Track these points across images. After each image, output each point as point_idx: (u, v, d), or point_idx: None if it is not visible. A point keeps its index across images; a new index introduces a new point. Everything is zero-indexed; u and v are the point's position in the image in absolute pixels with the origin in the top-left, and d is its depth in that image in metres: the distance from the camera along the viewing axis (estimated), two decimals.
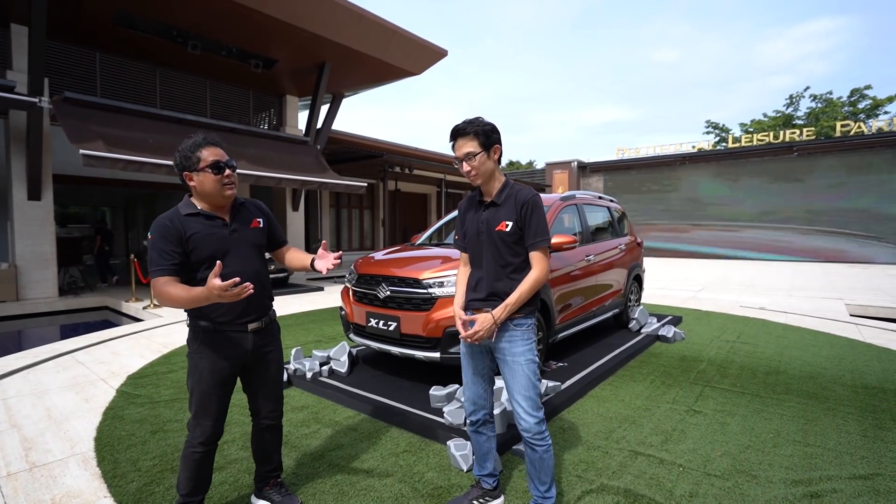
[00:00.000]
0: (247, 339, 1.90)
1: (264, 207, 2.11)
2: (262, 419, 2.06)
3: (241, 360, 1.91)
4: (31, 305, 7.81)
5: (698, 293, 9.07)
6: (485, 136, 1.92)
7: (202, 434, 1.86)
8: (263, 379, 2.01)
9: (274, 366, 2.04)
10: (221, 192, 1.85)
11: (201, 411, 1.86)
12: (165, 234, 1.76)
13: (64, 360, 4.58)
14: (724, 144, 24.54)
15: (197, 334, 1.87)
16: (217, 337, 1.85)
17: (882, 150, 15.54)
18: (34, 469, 2.48)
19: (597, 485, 2.30)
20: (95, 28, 8.49)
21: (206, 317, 1.84)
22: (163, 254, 1.74)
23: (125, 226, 18.60)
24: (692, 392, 3.59)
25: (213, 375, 1.84)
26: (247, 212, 1.99)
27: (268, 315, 1.99)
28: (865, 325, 6.10)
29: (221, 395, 1.88)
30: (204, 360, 1.84)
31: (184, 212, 1.84)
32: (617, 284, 5.21)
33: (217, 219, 1.88)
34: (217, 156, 1.83)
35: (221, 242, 1.85)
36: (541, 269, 1.93)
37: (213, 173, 1.81)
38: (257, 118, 12.21)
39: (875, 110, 24.32)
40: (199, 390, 1.85)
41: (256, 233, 1.98)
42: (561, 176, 21.23)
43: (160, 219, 1.81)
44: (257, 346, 1.94)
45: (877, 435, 2.85)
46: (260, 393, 2.03)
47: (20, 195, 7.77)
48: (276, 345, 2.05)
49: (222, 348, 1.85)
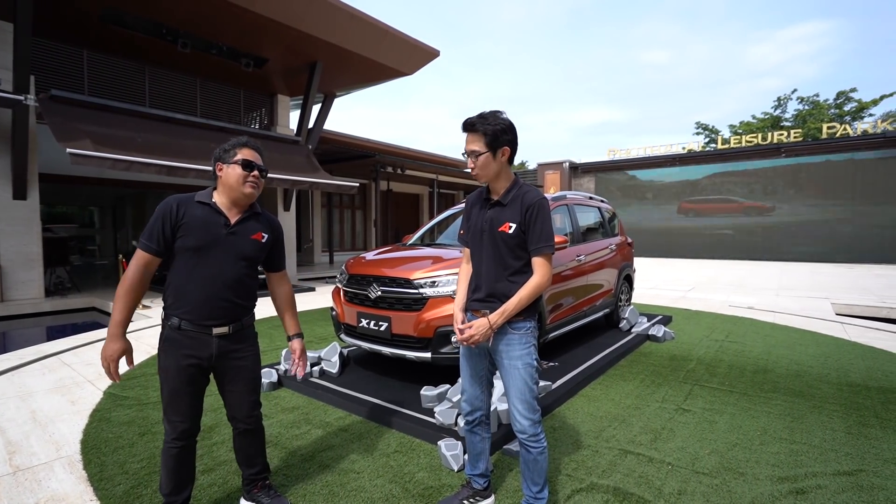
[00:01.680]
0: (211, 342, 1.87)
1: (278, 228, 2.10)
2: (238, 424, 2.04)
3: (207, 363, 1.89)
4: (17, 306, 7.68)
5: (688, 293, 9.15)
6: (493, 137, 1.87)
7: (174, 430, 1.87)
8: (235, 385, 1.98)
9: (246, 373, 1.99)
10: (242, 188, 1.90)
11: (170, 407, 1.87)
12: (163, 213, 1.82)
13: (50, 361, 4.51)
14: (713, 145, 24.81)
15: (164, 330, 1.89)
16: (181, 336, 1.85)
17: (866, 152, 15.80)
18: (18, 473, 2.44)
19: (587, 483, 2.32)
20: (83, 25, 8.37)
21: (175, 314, 1.85)
22: (152, 232, 1.81)
23: (113, 226, 18.35)
24: (681, 391, 3.63)
25: (178, 373, 1.84)
26: (256, 223, 1.98)
27: (239, 321, 1.94)
28: (851, 324, 6.20)
29: (190, 393, 1.88)
30: (169, 357, 1.85)
31: (197, 199, 1.90)
32: (607, 284, 5.25)
33: (222, 216, 1.90)
34: (251, 157, 1.93)
35: (213, 239, 1.86)
36: (542, 275, 1.88)
37: (241, 167, 1.89)
38: (248, 117, 12.12)
39: (860, 112, 24.70)
40: (167, 387, 1.86)
41: (254, 244, 1.96)
42: (553, 176, 21.31)
43: (169, 199, 1.86)
44: (224, 351, 1.91)
45: (860, 432, 2.90)
46: (233, 399, 2.00)
47: (5, 194, 7.64)
48: (248, 351, 2.00)
49: (185, 347, 1.85)
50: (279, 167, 9.87)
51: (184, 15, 8.33)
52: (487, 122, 1.87)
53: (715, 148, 20.29)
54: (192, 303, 1.83)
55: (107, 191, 16.14)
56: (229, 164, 1.90)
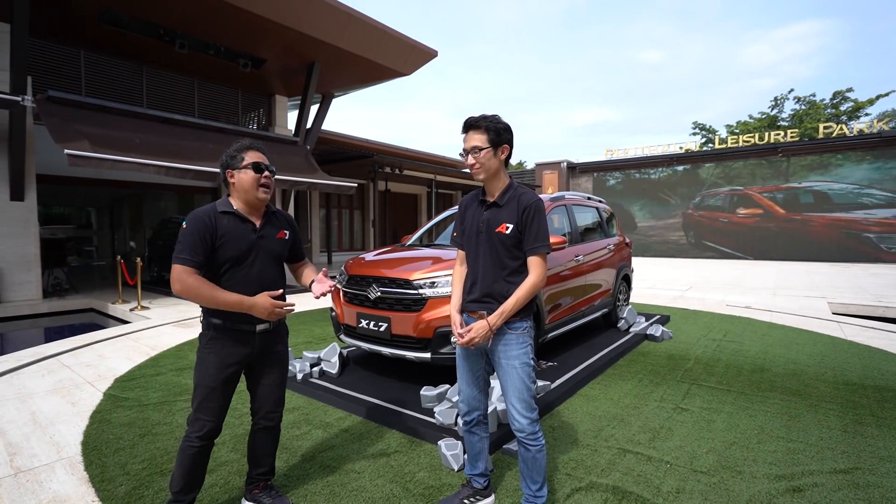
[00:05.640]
0: (254, 338, 1.96)
1: (293, 221, 2.20)
2: (260, 419, 2.09)
3: (248, 359, 1.97)
4: (14, 308, 7.66)
5: (686, 292, 9.19)
6: (495, 133, 1.94)
7: (201, 428, 1.90)
8: (268, 377, 2.07)
9: (278, 367, 2.09)
10: (256, 193, 1.95)
11: (203, 405, 1.91)
12: (202, 228, 1.85)
13: (49, 363, 4.51)
14: (710, 145, 24.89)
15: (208, 330, 1.93)
16: (227, 334, 1.92)
17: (863, 152, 15.89)
18: (19, 474, 2.45)
19: (586, 482, 2.33)
20: (80, 25, 8.35)
21: (219, 314, 1.90)
22: (194, 246, 1.82)
23: (111, 227, 18.31)
24: (679, 390, 3.65)
25: (219, 371, 1.90)
26: (277, 221, 2.09)
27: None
28: (847, 323, 6.24)
29: (224, 392, 1.93)
30: (212, 355, 1.91)
31: (220, 209, 1.93)
32: (606, 284, 5.27)
33: (248, 222, 1.97)
34: (259, 158, 1.97)
35: (248, 246, 1.94)
36: (538, 275, 1.93)
37: (254, 171, 1.93)
38: (246, 118, 12.11)
39: (856, 112, 24.81)
40: (203, 385, 1.90)
41: (281, 243, 2.07)
42: (550, 176, 21.36)
43: (198, 212, 1.89)
44: (265, 346, 2.01)
45: (857, 430, 2.92)
46: (262, 391, 2.07)
47: (2, 196, 7.62)
48: (283, 345, 2.11)
49: (230, 345, 1.92)
50: (277, 168, 9.82)
51: (181, 15, 8.32)
52: (489, 120, 1.95)
53: (712, 148, 20.37)
54: None
55: (104, 191, 16.11)
56: (240, 170, 1.94)
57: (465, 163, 1.99)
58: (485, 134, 1.93)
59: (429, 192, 17.34)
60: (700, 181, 18.87)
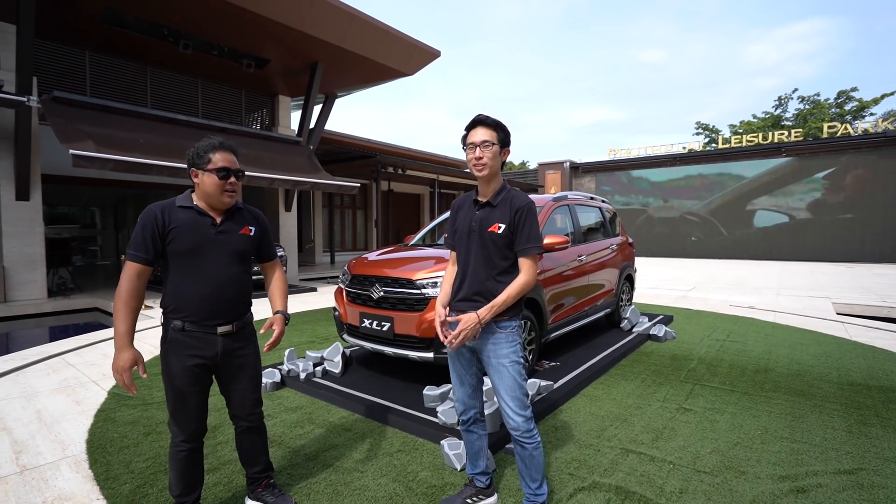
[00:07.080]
0: (216, 341, 1.89)
1: (262, 218, 2.11)
2: (241, 422, 2.06)
3: (212, 362, 1.90)
4: (19, 307, 7.71)
5: (689, 292, 9.16)
6: (503, 133, 2.00)
7: (181, 431, 1.88)
8: (238, 382, 2.00)
9: (249, 370, 2.01)
10: (220, 198, 1.88)
11: (177, 409, 1.87)
12: (149, 223, 1.80)
13: (54, 362, 4.54)
14: (714, 145, 24.80)
15: (167, 333, 1.88)
16: (186, 337, 1.85)
17: (867, 152, 15.80)
18: (25, 472, 2.47)
19: (589, 482, 2.33)
20: (85, 26, 8.40)
21: (177, 317, 1.85)
22: (140, 242, 1.79)
23: (115, 226, 18.39)
24: (682, 390, 3.64)
25: (183, 374, 1.84)
26: (241, 217, 1.99)
27: (241, 319, 1.97)
28: (851, 324, 6.21)
29: (196, 393, 1.89)
30: (174, 358, 1.85)
31: (178, 203, 1.88)
32: (609, 284, 5.26)
33: (207, 216, 1.89)
34: (227, 162, 1.87)
35: (204, 240, 1.86)
36: (529, 275, 1.95)
37: (218, 177, 1.85)
38: (249, 118, 12.15)
39: (861, 112, 24.68)
40: (171, 388, 1.85)
41: (244, 239, 1.97)
42: (553, 176, 21.33)
43: (152, 206, 1.84)
44: (229, 350, 1.92)
45: (861, 431, 2.91)
46: (236, 397, 2.02)
47: (8, 195, 7.67)
48: (250, 349, 2.02)
49: (191, 348, 1.85)
50: (280, 168, 9.89)
51: (185, 16, 8.36)
52: (498, 121, 2.00)
53: (716, 147, 20.29)
54: (193, 305, 1.84)
55: (109, 191, 16.17)
56: (205, 172, 1.85)
57: (469, 156, 1.98)
58: (495, 132, 1.97)
59: (431, 192, 17.34)
60: (705, 181, 18.80)
